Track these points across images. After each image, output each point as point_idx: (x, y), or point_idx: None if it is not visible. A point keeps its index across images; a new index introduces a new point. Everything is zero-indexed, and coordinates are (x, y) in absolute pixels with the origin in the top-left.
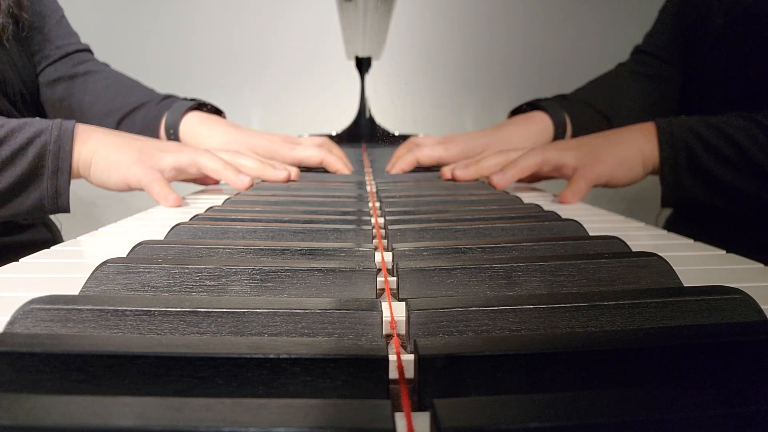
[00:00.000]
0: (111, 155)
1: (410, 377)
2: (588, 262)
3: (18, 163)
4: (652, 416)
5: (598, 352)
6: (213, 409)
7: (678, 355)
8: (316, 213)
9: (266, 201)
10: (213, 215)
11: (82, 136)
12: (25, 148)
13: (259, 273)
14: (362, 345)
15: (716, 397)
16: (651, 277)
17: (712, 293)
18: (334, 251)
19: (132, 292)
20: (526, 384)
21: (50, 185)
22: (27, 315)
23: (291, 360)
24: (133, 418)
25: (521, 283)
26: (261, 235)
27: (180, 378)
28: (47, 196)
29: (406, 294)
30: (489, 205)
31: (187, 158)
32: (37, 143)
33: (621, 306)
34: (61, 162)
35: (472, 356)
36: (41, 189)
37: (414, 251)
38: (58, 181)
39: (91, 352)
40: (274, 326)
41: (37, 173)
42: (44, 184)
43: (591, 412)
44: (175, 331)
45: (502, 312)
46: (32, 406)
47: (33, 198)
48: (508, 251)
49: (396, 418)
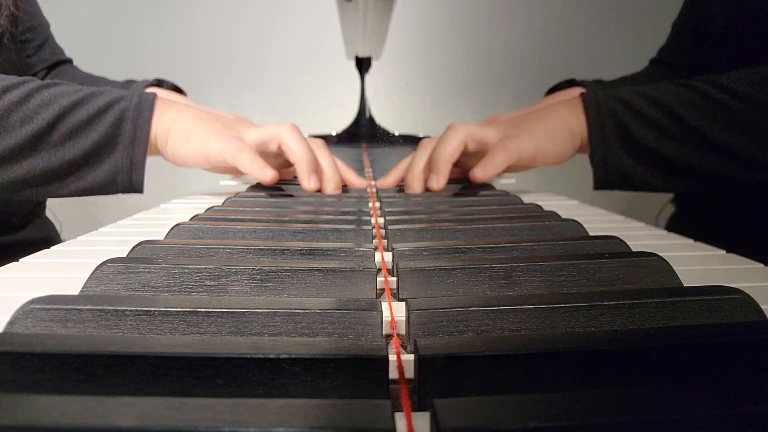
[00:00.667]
0: (192, 124)
1: (410, 377)
2: (588, 262)
3: (94, 128)
4: (652, 416)
5: (598, 352)
6: (213, 409)
7: (678, 355)
8: (316, 213)
9: (266, 201)
10: (213, 215)
11: (163, 106)
12: (103, 112)
13: (259, 273)
14: (362, 345)
15: (716, 397)
16: (651, 277)
17: (712, 293)
18: (334, 251)
19: (132, 292)
20: (526, 384)
21: (126, 156)
22: (27, 315)
23: (291, 360)
24: (133, 418)
25: (521, 283)
26: (261, 235)
27: (180, 378)
28: (122, 169)
29: (406, 294)
30: (489, 205)
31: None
32: (116, 109)
33: (621, 306)
34: (139, 131)
35: (472, 356)
36: (116, 160)
37: (414, 251)
38: (135, 152)
39: (91, 352)
40: (274, 326)
41: (113, 141)
42: (120, 154)
43: (591, 412)
44: (175, 331)
45: (502, 312)
46: (32, 406)
47: (107, 171)
48: (508, 251)
49: (396, 418)
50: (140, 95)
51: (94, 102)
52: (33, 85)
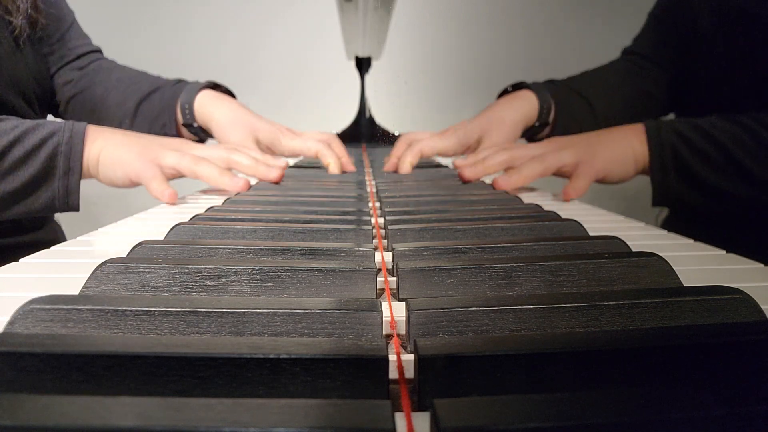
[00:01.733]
0: (116, 152)
1: (410, 377)
2: (588, 262)
3: (31, 163)
4: (652, 416)
5: (598, 352)
6: (213, 409)
7: (678, 355)
8: (316, 213)
9: (266, 201)
10: (213, 215)
11: (92, 136)
12: (38, 149)
13: (259, 273)
14: (362, 345)
15: (716, 397)
16: (651, 277)
17: (712, 293)
18: (334, 251)
19: (132, 292)
20: (526, 384)
21: (61, 185)
22: (27, 315)
23: (291, 360)
24: (133, 418)
25: (521, 283)
26: (261, 235)
27: (180, 378)
28: (58, 196)
29: (406, 294)
30: (489, 205)
31: (186, 164)
32: (50, 144)
33: (621, 306)
34: (72, 163)
35: (472, 356)
36: (53, 189)
37: (414, 251)
38: (69, 181)
39: (91, 352)
40: (274, 326)
41: (48, 173)
42: (56, 184)
43: (591, 412)
44: (175, 331)
45: (502, 312)
46: (32, 406)
47: (44, 198)
48: (508, 251)
49: (396, 418)
50: (71, 129)
51: (29, 139)
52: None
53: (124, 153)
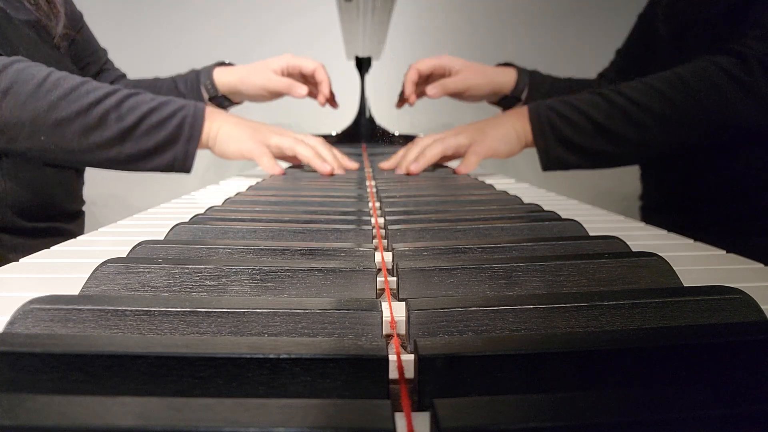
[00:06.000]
0: (232, 131)
1: (410, 377)
2: (588, 262)
3: (164, 127)
4: (652, 416)
5: (598, 352)
6: (213, 409)
7: (678, 355)
8: (316, 213)
9: (266, 201)
10: (213, 215)
11: (211, 116)
12: (171, 117)
13: (259, 273)
14: (362, 345)
15: (716, 397)
16: (651, 277)
17: (712, 293)
18: (334, 251)
19: (132, 292)
20: (526, 384)
21: (182, 150)
22: (27, 315)
23: (291, 360)
24: (133, 418)
25: (521, 283)
26: (261, 235)
27: (180, 378)
28: (178, 158)
29: (406, 294)
30: (489, 205)
31: (288, 144)
32: (179, 116)
33: (621, 306)
34: (194, 131)
35: (472, 356)
36: (175, 151)
37: (414, 251)
38: (189, 146)
39: (91, 352)
40: (274, 326)
41: (175, 138)
42: (179, 148)
43: (591, 412)
44: (175, 331)
45: (502, 312)
46: (32, 406)
47: (168, 157)
48: (508, 251)
49: (396, 418)
50: (195, 106)
51: (164, 109)
52: (124, 92)
53: (238, 132)
